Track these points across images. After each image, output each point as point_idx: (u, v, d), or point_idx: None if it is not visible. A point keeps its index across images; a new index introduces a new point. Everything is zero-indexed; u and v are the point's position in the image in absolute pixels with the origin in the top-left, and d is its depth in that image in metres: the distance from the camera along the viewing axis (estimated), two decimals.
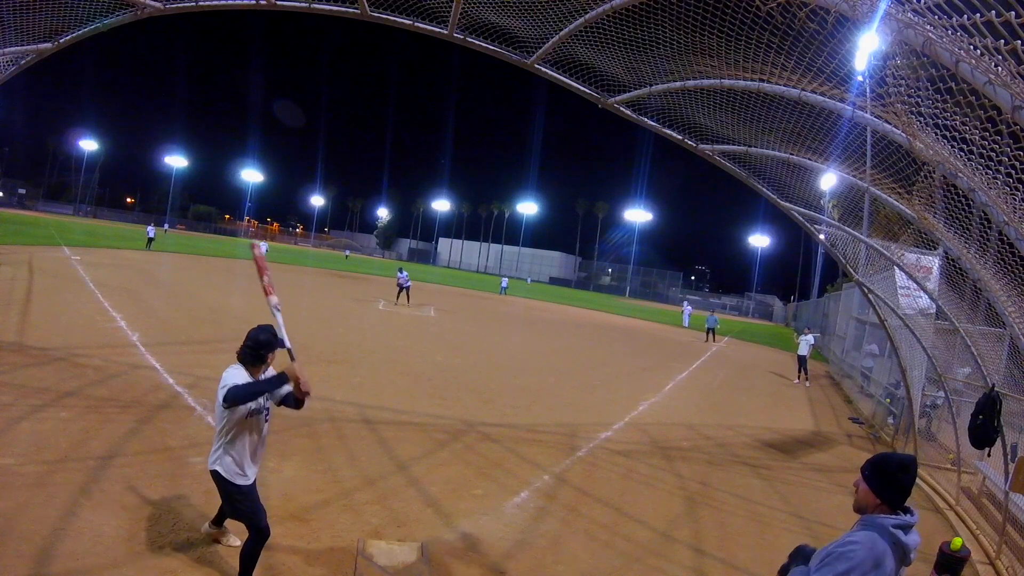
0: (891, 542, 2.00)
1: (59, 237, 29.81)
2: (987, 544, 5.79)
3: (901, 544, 2.02)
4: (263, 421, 3.41)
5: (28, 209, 66.88)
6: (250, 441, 3.34)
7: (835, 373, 19.23)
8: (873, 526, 2.05)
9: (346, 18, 5.67)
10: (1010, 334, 5.27)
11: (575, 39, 5.34)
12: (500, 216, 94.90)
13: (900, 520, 2.05)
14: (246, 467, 3.33)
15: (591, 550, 4.66)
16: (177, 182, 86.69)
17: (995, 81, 2.61)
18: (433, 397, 8.77)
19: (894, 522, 2.04)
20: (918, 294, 8.14)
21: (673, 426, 9.32)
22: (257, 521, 3.37)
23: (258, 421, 3.38)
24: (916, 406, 8.70)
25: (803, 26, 3.66)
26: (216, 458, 3.32)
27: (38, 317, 10.04)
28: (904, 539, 2.02)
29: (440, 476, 5.69)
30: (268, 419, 3.46)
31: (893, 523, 2.04)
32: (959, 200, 4.35)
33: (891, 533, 2.01)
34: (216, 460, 3.31)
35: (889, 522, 2.04)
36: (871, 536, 2.01)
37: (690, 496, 6.23)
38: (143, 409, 6.23)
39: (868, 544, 1.97)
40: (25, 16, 5.69)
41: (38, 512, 3.91)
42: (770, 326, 54.82)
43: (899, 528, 2.03)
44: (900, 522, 2.05)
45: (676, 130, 6.38)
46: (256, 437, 3.39)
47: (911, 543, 2.04)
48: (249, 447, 3.34)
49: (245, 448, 3.32)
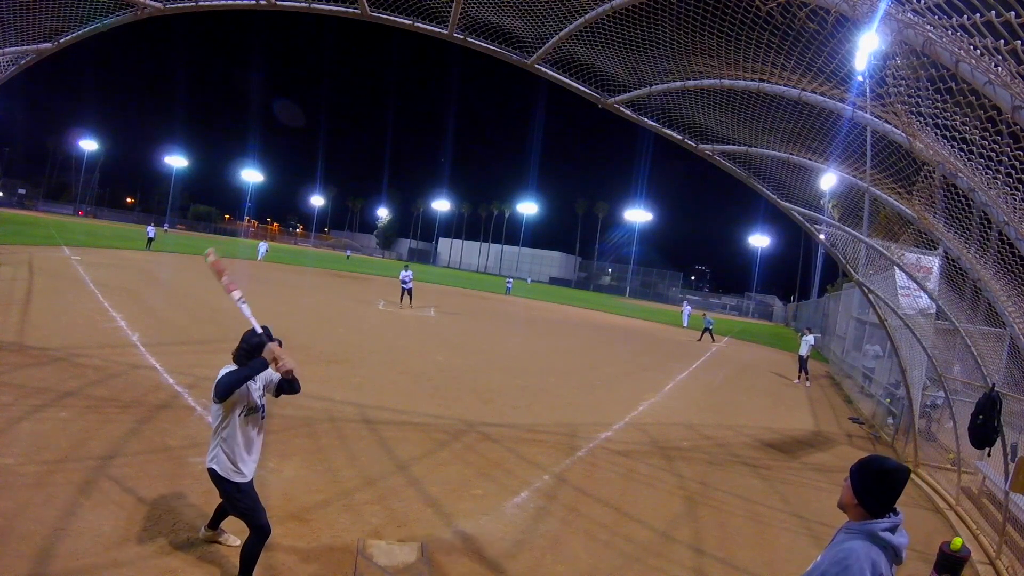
0: (882, 546, 1.98)
1: (59, 237, 29.81)
2: (987, 544, 5.79)
3: (892, 546, 1.99)
4: (259, 418, 3.43)
5: (28, 209, 66.89)
6: (245, 439, 3.35)
7: (835, 373, 19.22)
8: (862, 534, 2.02)
9: (346, 18, 5.67)
10: (1010, 334, 5.26)
11: (575, 39, 5.34)
12: (500, 216, 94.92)
13: (888, 523, 2.01)
14: (241, 464, 3.34)
15: (591, 550, 4.66)
16: (177, 182, 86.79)
17: (995, 81, 2.61)
18: (433, 397, 8.77)
19: (883, 526, 2.00)
20: (918, 294, 8.13)
21: (673, 426, 9.32)
22: (257, 519, 3.38)
23: (255, 419, 3.39)
24: (916, 406, 8.70)
25: (803, 26, 3.66)
26: (212, 456, 3.33)
27: (38, 317, 10.04)
28: (894, 541, 2.00)
29: (440, 476, 5.69)
30: (264, 416, 3.47)
31: (882, 528, 2.00)
32: (959, 200, 4.35)
33: (881, 538, 1.99)
34: (212, 458, 3.33)
35: (878, 527, 2.00)
36: (863, 547, 1.97)
37: (690, 496, 6.23)
38: (143, 409, 6.23)
39: (862, 555, 1.94)
40: (25, 16, 5.70)
41: (38, 512, 3.92)
42: (770, 326, 54.82)
43: (888, 531, 2.00)
44: (888, 525, 2.01)
45: (676, 130, 6.38)
46: (252, 435, 3.40)
47: (901, 544, 2.02)
48: (244, 445, 3.35)
49: (240, 446, 3.33)
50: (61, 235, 31.53)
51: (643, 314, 40.52)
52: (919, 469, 8.39)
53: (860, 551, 1.94)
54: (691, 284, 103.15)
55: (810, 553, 4.88)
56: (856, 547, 1.97)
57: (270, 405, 3.62)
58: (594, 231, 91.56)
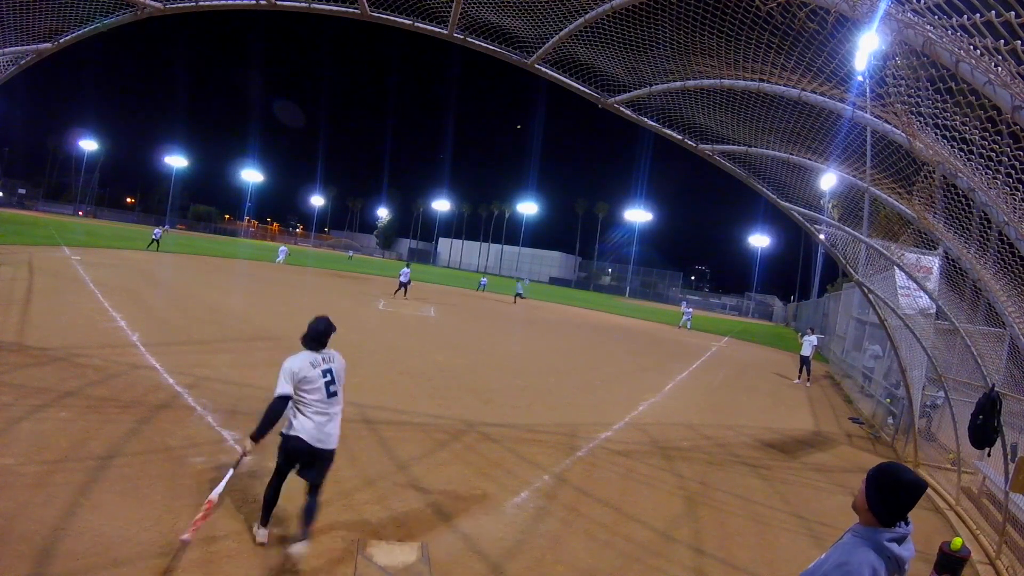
0: (886, 556, 1.98)
1: (59, 237, 29.82)
2: (987, 544, 5.79)
3: (895, 558, 1.99)
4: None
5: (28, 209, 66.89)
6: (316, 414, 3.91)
7: (835, 373, 19.23)
8: (868, 540, 2.02)
9: (346, 18, 5.67)
10: (1010, 334, 5.26)
11: (575, 39, 5.34)
12: (500, 216, 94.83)
13: (895, 534, 2.01)
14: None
15: (591, 550, 4.66)
16: (177, 182, 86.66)
17: (995, 81, 2.61)
18: (433, 397, 8.77)
19: (889, 536, 2.00)
20: (918, 294, 8.14)
21: (673, 426, 9.32)
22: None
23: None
24: (916, 406, 8.70)
25: (803, 26, 3.66)
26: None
27: (38, 317, 10.04)
28: (898, 552, 1.99)
29: (440, 476, 5.69)
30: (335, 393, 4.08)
31: (888, 537, 2.00)
32: (959, 200, 4.35)
33: (886, 548, 1.99)
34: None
35: (884, 537, 2.00)
36: (864, 554, 1.98)
37: (690, 496, 6.23)
38: (143, 409, 6.23)
39: (864, 563, 1.95)
40: (25, 16, 5.70)
41: (38, 512, 3.92)
42: (770, 326, 54.79)
43: (894, 541, 2.00)
44: (895, 535, 2.01)
45: (676, 130, 6.38)
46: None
47: (906, 555, 2.01)
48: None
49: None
50: (61, 235, 31.53)
51: (643, 314, 40.52)
52: (919, 469, 8.39)
53: (862, 558, 1.96)
54: (691, 284, 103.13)
55: (810, 553, 4.88)
56: (859, 553, 1.98)
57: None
58: (594, 231, 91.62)
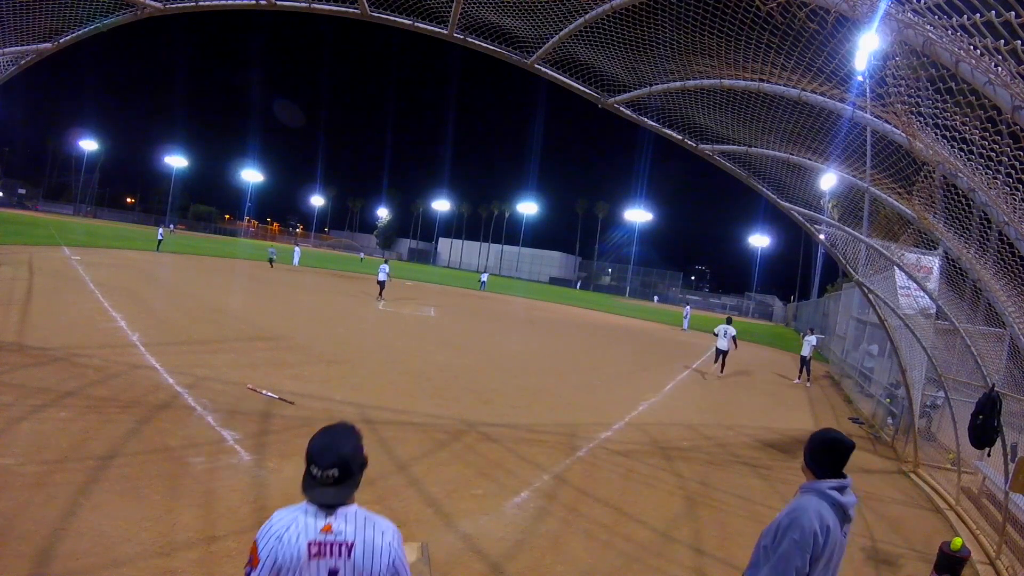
0: (831, 503, 2.25)
1: (59, 237, 29.81)
2: (987, 544, 5.79)
3: (839, 503, 2.26)
4: None
5: (28, 209, 66.88)
6: None
7: (835, 373, 19.22)
8: (812, 491, 2.31)
9: (346, 18, 5.67)
10: (1010, 334, 5.26)
11: (575, 39, 5.34)
12: (500, 216, 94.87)
13: (835, 483, 2.30)
14: None
15: (591, 550, 4.66)
16: (177, 182, 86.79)
17: (995, 81, 2.61)
18: (433, 397, 8.77)
19: (831, 484, 2.29)
20: (918, 294, 8.14)
21: (673, 426, 9.32)
22: None
23: None
24: (916, 406, 8.70)
25: (803, 26, 3.66)
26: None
27: (38, 317, 10.04)
28: (841, 499, 2.27)
29: (440, 476, 5.69)
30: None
31: (829, 485, 2.29)
32: (959, 200, 4.35)
33: (828, 495, 2.27)
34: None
35: (826, 485, 2.29)
36: (812, 500, 2.25)
37: (690, 496, 6.23)
38: (143, 409, 6.23)
39: (812, 508, 2.22)
40: (25, 16, 5.69)
41: (38, 512, 3.91)
42: (770, 326, 54.78)
43: (835, 489, 2.28)
44: (834, 484, 2.29)
45: (676, 130, 6.38)
46: None
47: (848, 502, 2.29)
48: None
49: None
50: (61, 235, 31.53)
51: (643, 314, 40.51)
52: (919, 469, 8.39)
53: (809, 505, 2.24)
54: (691, 284, 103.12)
55: None
56: (805, 502, 2.27)
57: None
58: (594, 231, 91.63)
